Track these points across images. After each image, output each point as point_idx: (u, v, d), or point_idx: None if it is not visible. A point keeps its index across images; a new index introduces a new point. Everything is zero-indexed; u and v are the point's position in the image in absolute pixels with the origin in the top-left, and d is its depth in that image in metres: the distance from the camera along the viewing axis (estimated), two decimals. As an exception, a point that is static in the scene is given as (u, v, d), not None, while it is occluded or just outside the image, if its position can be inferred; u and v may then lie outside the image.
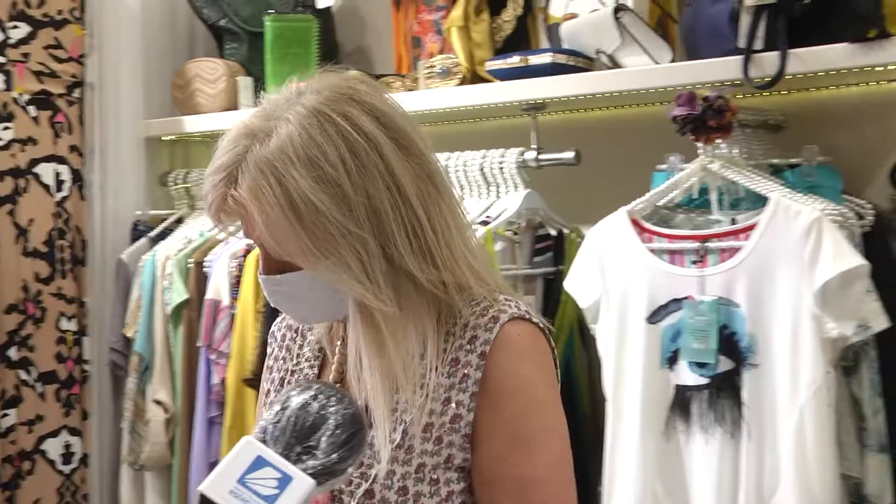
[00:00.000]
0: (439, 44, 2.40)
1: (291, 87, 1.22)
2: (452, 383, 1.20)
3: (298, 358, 1.37)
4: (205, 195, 1.22)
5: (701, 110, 1.82)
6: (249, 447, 1.07)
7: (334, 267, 1.17)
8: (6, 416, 2.56)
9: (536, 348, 1.24)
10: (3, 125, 2.59)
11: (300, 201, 1.14)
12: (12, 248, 2.59)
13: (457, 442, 1.20)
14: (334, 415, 1.09)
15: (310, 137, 1.16)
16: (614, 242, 1.92)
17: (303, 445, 1.08)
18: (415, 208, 1.19)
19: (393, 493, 1.19)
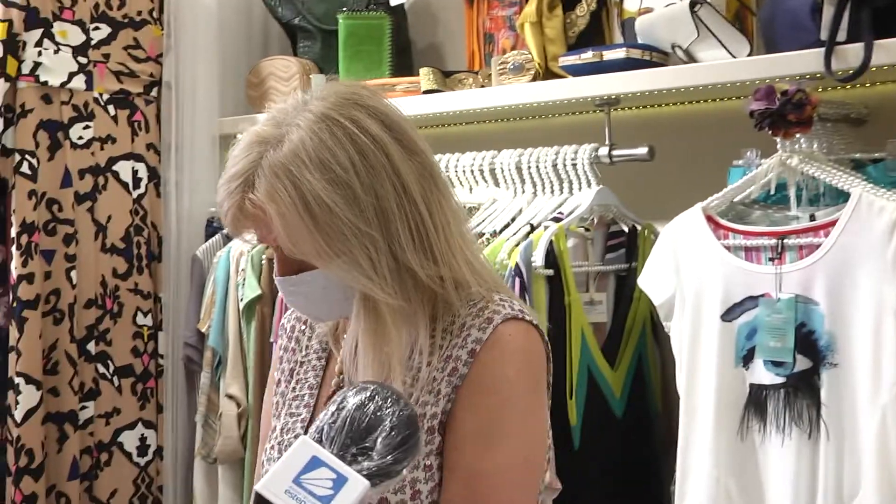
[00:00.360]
0: (512, 40, 2.40)
1: (297, 96, 1.29)
2: (443, 377, 1.27)
3: (307, 350, 1.42)
4: (220, 203, 1.27)
5: (779, 105, 1.80)
6: (305, 447, 1.08)
7: (345, 265, 1.23)
8: (85, 408, 2.60)
9: (526, 349, 1.29)
10: (83, 124, 2.63)
11: (314, 203, 1.20)
12: (91, 244, 2.63)
13: (441, 430, 1.26)
14: (390, 416, 1.11)
15: (321, 141, 1.22)
16: (689, 239, 1.91)
17: (358, 446, 1.09)
18: (418, 206, 1.26)
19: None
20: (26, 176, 2.52)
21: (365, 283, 1.24)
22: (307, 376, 1.40)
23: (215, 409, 2.58)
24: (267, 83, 2.76)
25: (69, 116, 2.60)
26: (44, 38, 2.54)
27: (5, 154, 2.52)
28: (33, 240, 2.51)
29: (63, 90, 2.58)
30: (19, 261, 2.49)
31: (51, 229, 2.56)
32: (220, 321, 2.59)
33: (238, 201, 1.24)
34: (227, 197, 1.25)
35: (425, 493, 1.24)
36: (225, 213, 1.27)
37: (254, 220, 1.25)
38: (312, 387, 1.39)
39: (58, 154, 2.58)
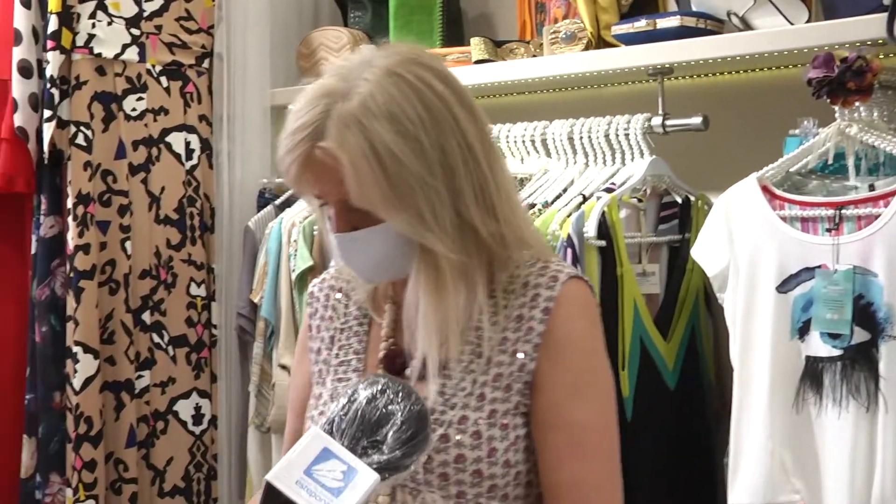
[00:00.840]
0: (564, 8, 2.38)
1: (360, 53, 1.30)
2: (518, 337, 1.30)
3: (346, 316, 1.44)
4: (283, 156, 1.28)
5: (839, 72, 1.78)
6: (317, 439, 1.10)
7: (410, 218, 1.25)
8: (141, 377, 2.65)
9: (591, 305, 1.35)
10: (137, 96, 2.66)
11: (384, 153, 1.22)
12: (146, 215, 2.67)
13: (522, 389, 1.29)
14: (401, 410, 1.13)
15: (389, 95, 1.24)
16: (743, 210, 1.90)
17: (369, 439, 1.12)
18: (481, 165, 1.29)
19: (468, 437, 1.27)
20: (81, 147, 2.56)
21: (428, 236, 1.26)
22: (350, 342, 1.42)
23: (268, 378, 2.61)
24: (318, 54, 2.77)
25: (123, 88, 2.63)
26: (97, 10, 2.57)
27: (61, 126, 2.55)
28: (89, 211, 2.55)
29: (116, 62, 2.62)
30: (75, 231, 2.53)
31: (106, 200, 2.60)
32: (272, 292, 2.61)
33: (307, 150, 1.24)
34: (294, 148, 1.26)
35: (501, 450, 1.27)
36: (289, 165, 1.27)
37: (320, 170, 1.25)
38: (358, 352, 1.40)
39: (112, 125, 2.62)
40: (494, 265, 1.32)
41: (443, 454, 1.27)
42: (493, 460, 1.27)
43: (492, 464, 1.27)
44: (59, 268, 2.59)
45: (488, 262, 1.31)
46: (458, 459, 1.26)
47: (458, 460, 1.26)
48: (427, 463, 1.27)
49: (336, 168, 1.24)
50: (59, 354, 2.57)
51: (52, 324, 2.58)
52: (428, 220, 1.25)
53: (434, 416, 1.27)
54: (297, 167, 1.26)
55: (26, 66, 2.55)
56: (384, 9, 2.66)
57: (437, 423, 1.27)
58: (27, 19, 2.55)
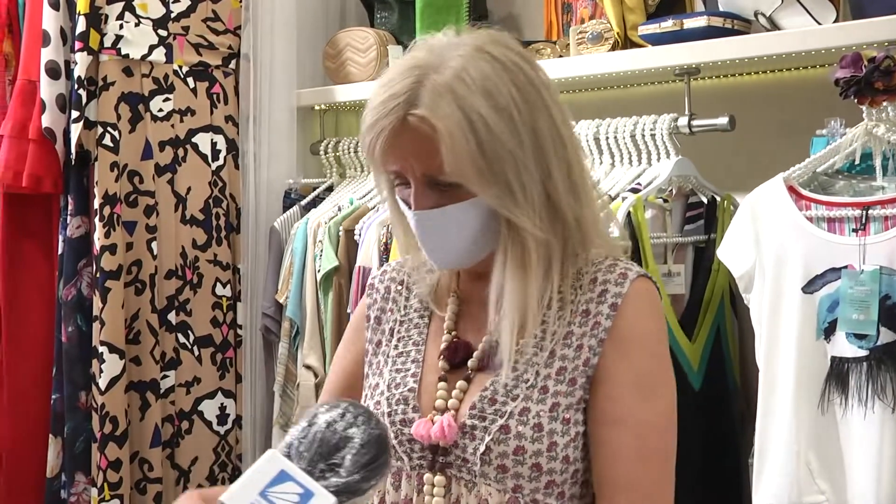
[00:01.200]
0: (590, 9, 2.39)
1: (447, 32, 1.30)
2: (584, 331, 1.30)
3: (406, 309, 1.44)
4: (371, 126, 1.27)
5: (866, 72, 1.78)
6: (274, 461, 1.08)
7: (500, 191, 1.26)
8: (166, 377, 2.65)
9: (658, 305, 1.34)
10: (163, 96, 2.67)
11: (480, 124, 1.23)
12: (172, 215, 2.68)
13: (585, 384, 1.28)
14: (360, 434, 1.11)
15: (483, 71, 1.25)
16: (770, 210, 1.90)
17: (327, 462, 1.10)
18: (567, 149, 1.30)
19: (528, 429, 1.26)
20: (108, 148, 2.57)
21: (516, 211, 1.26)
22: (410, 334, 1.41)
23: (293, 378, 2.62)
24: (344, 54, 2.78)
25: (149, 89, 2.64)
26: (125, 11, 2.59)
27: (88, 126, 2.56)
28: (115, 211, 2.57)
29: (144, 63, 2.63)
30: (102, 232, 2.55)
31: (132, 201, 2.61)
32: (297, 292, 2.62)
33: (400, 118, 1.24)
34: (386, 115, 1.25)
35: (561, 445, 1.27)
36: (378, 135, 1.26)
37: (412, 140, 1.24)
38: (418, 343, 1.40)
39: (139, 126, 2.63)
40: (567, 257, 1.32)
41: (502, 445, 1.26)
42: (552, 454, 1.26)
43: (551, 458, 1.26)
44: (86, 268, 2.60)
45: (562, 253, 1.31)
46: (517, 451, 1.26)
47: (518, 452, 1.26)
48: (485, 454, 1.27)
49: (430, 137, 1.23)
50: (86, 354, 2.58)
51: (79, 324, 2.60)
52: (517, 195, 1.26)
53: (495, 407, 1.28)
54: (388, 136, 1.25)
55: (54, 68, 2.56)
56: (411, 9, 2.66)
57: (497, 415, 1.27)
58: (55, 21, 2.57)
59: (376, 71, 2.72)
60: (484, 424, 1.28)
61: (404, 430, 1.32)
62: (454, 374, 1.34)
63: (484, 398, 1.29)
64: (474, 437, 1.28)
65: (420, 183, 1.28)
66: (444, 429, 1.28)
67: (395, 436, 1.33)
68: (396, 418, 1.33)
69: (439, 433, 1.28)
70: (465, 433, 1.28)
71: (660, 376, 1.31)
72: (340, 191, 2.78)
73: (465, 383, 1.33)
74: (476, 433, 1.28)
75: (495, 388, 1.29)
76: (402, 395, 1.35)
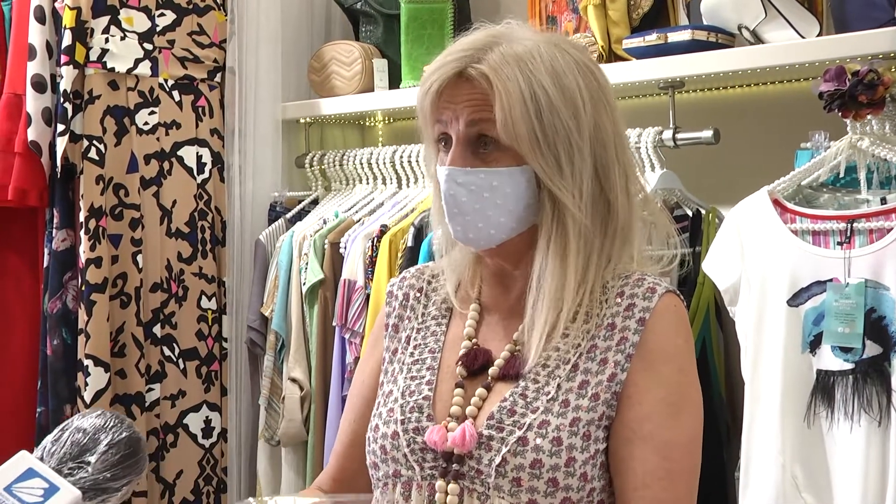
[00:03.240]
0: (575, 22, 2.39)
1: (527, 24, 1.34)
2: (609, 346, 1.28)
3: (424, 316, 1.42)
4: (429, 75, 1.27)
5: (850, 85, 1.78)
6: (22, 459, 1.15)
7: (549, 162, 1.25)
8: (151, 390, 2.65)
9: (686, 321, 1.32)
10: (149, 110, 2.66)
11: (542, 96, 1.23)
12: (157, 228, 2.67)
13: (609, 400, 1.26)
14: (109, 437, 1.18)
15: (553, 56, 1.26)
16: (755, 223, 1.90)
17: (76, 461, 1.16)
18: (626, 154, 1.31)
19: (547, 442, 1.23)
20: (94, 161, 2.57)
21: (562, 185, 1.25)
22: (426, 342, 1.39)
23: (278, 392, 2.62)
24: (329, 68, 2.78)
25: (135, 102, 2.64)
26: (111, 25, 2.58)
27: (73, 140, 2.56)
28: (101, 224, 2.56)
29: (129, 76, 2.63)
30: (87, 245, 2.54)
31: (117, 214, 2.61)
32: (283, 305, 2.61)
33: (460, 67, 1.24)
34: (447, 63, 1.25)
35: (580, 461, 1.24)
36: (434, 81, 1.26)
37: (467, 91, 1.25)
38: (434, 350, 1.38)
39: (124, 139, 2.62)
40: (602, 259, 1.30)
41: (519, 457, 1.24)
42: (570, 470, 1.23)
43: (569, 474, 1.23)
44: (71, 281, 2.60)
45: (600, 253, 1.30)
46: (534, 465, 1.23)
47: (535, 465, 1.23)
48: (500, 466, 1.24)
49: (485, 94, 1.24)
50: (71, 367, 2.57)
51: (64, 337, 2.59)
52: (565, 170, 1.25)
53: (514, 418, 1.25)
54: (443, 83, 1.25)
55: (40, 81, 2.56)
56: (396, 23, 2.66)
57: (516, 426, 1.25)
58: (41, 34, 2.57)
59: (361, 84, 2.72)
60: (501, 435, 1.25)
61: (417, 439, 1.30)
62: (472, 382, 1.32)
63: (503, 409, 1.27)
64: (490, 448, 1.25)
65: (461, 139, 1.27)
66: (464, 435, 1.25)
67: (407, 444, 1.30)
68: (409, 426, 1.31)
69: (459, 439, 1.25)
70: (482, 444, 1.25)
71: (688, 394, 1.29)
72: (326, 204, 2.78)
73: (485, 391, 1.30)
74: (493, 444, 1.25)
75: (514, 399, 1.27)
76: (417, 402, 1.32)
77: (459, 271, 1.40)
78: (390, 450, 1.32)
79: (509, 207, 1.28)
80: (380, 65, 2.71)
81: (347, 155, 2.74)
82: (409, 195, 2.60)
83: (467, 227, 1.30)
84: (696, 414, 1.29)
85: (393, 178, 2.66)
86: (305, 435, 2.57)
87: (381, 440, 1.33)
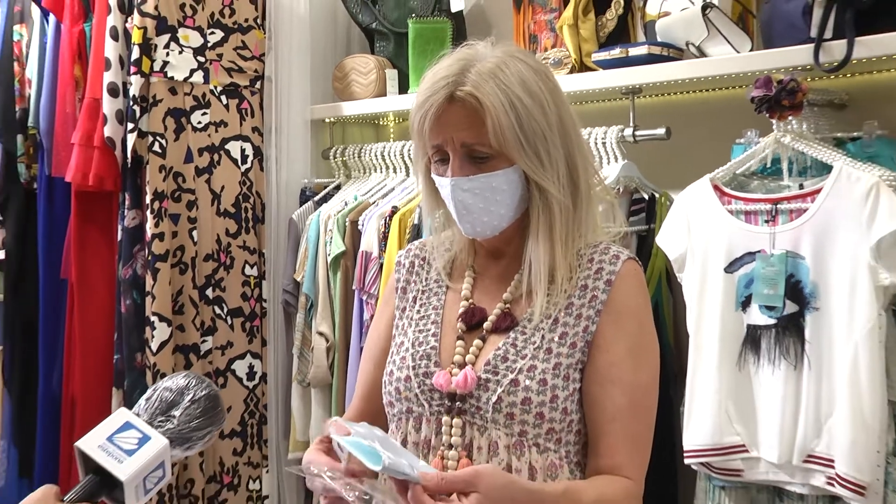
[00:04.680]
0: (552, 39, 2.39)
1: (483, 42, 1.29)
2: (583, 303, 1.28)
3: (427, 280, 1.42)
4: (423, 102, 1.25)
5: (776, 92, 1.79)
6: (120, 414, 1.14)
7: (532, 161, 1.24)
8: (205, 341, 2.65)
9: (644, 284, 1.32)
10: (202, 111, 2.65)
11: (518, 104, 1.22)
12: (209, 209, 2.66)
13: (583, 348, 1.26)
14: (193, 394, 1.17)
15: (518, 68, 1.25)
16: (699, 205, 1.91)
17: (165, 415, 1.15)
18: (581, 137, 1.30)
19: (535, 383, 1.24)
20: (157, 153, 2.57)
21: (545, 176, 1.25)
22: (430, 301, 1.39)
23: (308, 343, 2.62)
24: (349, 76, 2.77)
25: (190, 105, 2.63)
26: (171, 42, 2.58)
27: (141, 136, 2.56)
28: (163, 205, 2.56)
29: (185, 84, 2.62)
30: (152, 222, 2.54)
31: (176, 197, 2.61)
32: (311, 272, 2.61)
33: (449, 93, 1.23)
34: (436, 92, 1.23)
35: (562, 398, 1.24)
36: (429, 109, 1.24)
37: (459, 112, 1.23)
38: (437, 308, 1.37)
39: (181, 136, 2.62)
40: (578, 230, 1.30)
41: (512, 396, 1.24)
42: (554, 406, 1.24)
43: (553, 409, 1.24)
44: (140, 252, 2.60)
45: (577, 225, 1.30)
46: (524, 402, 1.23)
47: (525, 402, 1.23)
48: (497, 403, 1.24)
49: (475, 110, 1.22)
50: (140, 323, 2.58)
51: (135, 298, 2.59)
52: (546, 164, 1.25)
53: (506, 364, 1.26)
54: (436, 110, 1.24)
55: (114, 88, 2.56)
56: (404, 40, 2.65)
57: (508, 370, 1.25)
58: (115, 50, 2.56)
59: (376, 90, 2.71)
60: (497, 378, 1.25)
61: (426, 382, 1.30)
62: (470, 335, 1.32)
63: (497, 356, 1.27)
64: (487, 389, 1.26)
65: (458, 154, 1.26)
66: (466, 379, 1.26)
67: (417, 386, 1.30)
68: (420, 371, 1.31)
69: (461, 382, 1.26)
70: (480, 385, 1.26)
71: (648, 345, 1.30)
72: (346, 189, 2.77)
73: (481, 342, 1.30)
74: (489, 385, 1.26)
75: (507, 348, 1.27)
76: (425, 351, 1.32)
77: (455, 248, 1.40)
78: (403, 391, 1.32)
79: (507, 202, 1.28)
80: (391, 74, 2.70)
81: (364, 148, 2.73)
82: (415, 182, 2.58)
83: (475, 223, 1.30)
84: (653, 360, 1.30)
85: (402, 168, 2.66)
86: (330, 378, 2.57)
87: (396, 383, 1.33)
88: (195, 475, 2.60)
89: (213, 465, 2.66)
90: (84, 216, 2.70)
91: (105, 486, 1.10)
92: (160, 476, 1.13)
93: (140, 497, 1.11)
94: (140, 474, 1.10)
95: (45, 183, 2.85)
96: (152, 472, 1.11)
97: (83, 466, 1.12)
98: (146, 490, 1.12)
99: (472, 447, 1.26)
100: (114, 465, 1.09)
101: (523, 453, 1.24)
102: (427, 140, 1.28)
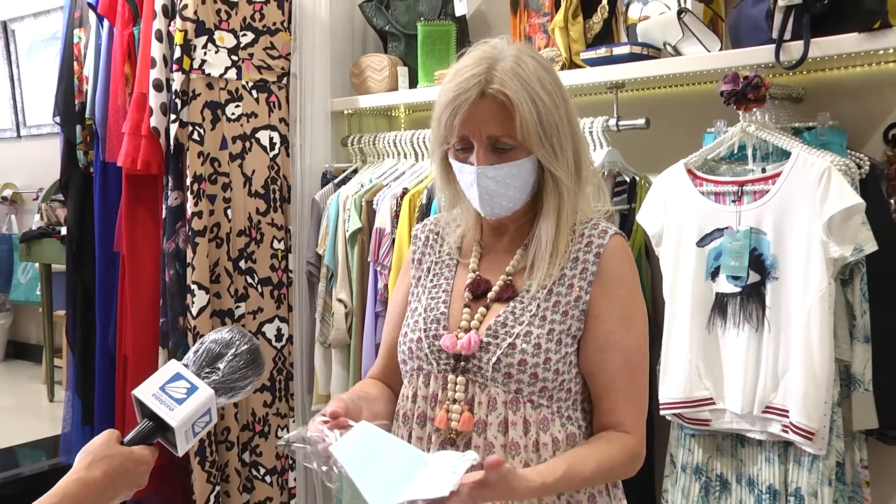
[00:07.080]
0: (545, 40, 2.39)
1: (497, 41, 1.28)
2: (574, 274, 1.27)
3: (440, 253, 1.41)
4: (454, 98, 1.22)
5: (742, 86, 1.80)
6: (171, 366, 1.14)
7: (549, 151, 1.24)
8: (238, 307, 2.64)
9: (630, 256, 1.31)
10: (235, 104, 2.64)
11: (539, 102, 1.22)
12: (241, 190, 2.65)
13: (577, 315, 1.25)
14: (236, 347, 1.16)
15: (532, 65, 1.24)
16: (674, 186, 1.92)
17: (211, 367, 1.14)
18: (580, 127, 1.29)
19: (530, 347, 1.24)
20: (196, 141, 2.56)
21: (558, 166, 1.24)
22: (442, 271, 1.38)
23: (329, 308, 2.61)
24: (365, 73, 2.76)
25: (225, 98, 2.62)
26: (208, 43, 2.57)
27: (182, 126, 2.55)
28: (201, 187, 2.56)
29: (221, 79, 2.61)
30: (192, 202, 2.55)
31: (213, 179, 2.60)
32: (332, 246, 2.60)
33: (480, 91, 1.21)
34: (468, 90, 1.21)
35: (554, 360, 1.24)
36: (461, 103, 1.22)
37: (490, 107, 1.21)
38: (448, 278, 1.36)
39: (217, 125, 2.61)
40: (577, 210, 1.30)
41: (509, 358, 1.23)
42: (547, 367, 1.23)
43: (546, 369, 1.23)
44: (181, 228, 2.60)
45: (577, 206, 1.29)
46: (520, 363, 1.23)
47: (521, 364, 1.23)
48: (496, 364, 1.23)
49: (504, 106, 1.21)
50: (182, 290, 2.58)
51: (177, 268, 2.59)
52: (559, 154, 1.24)
53: (506, 329, 1.25)
54: (469, 105, 1.22)
55: (159, 83, 2.55)
56: (414, 41, 2.64)
57: (507, 335, 1.24)
58: (160, 49, 2.56)
59: (388, 85, 2.70)
60: (497, 342, 1.25)
61: (435, 343, 1.29)
62: (475, 303, 1.31)
63: (498, 322, 1.26)
64: (488, 351, 1.25)
65: (483, 145, 1.24)
66: (470, 341, 1.25)
67: (427, 346, 1.30)
68: (430, 333, 1.31)
69: (466, 344, 1.25)
70: (482, 348, 1.25)
71: (636, 310, 1.28)
72: (363, 173, 2.75)
73: (485, 310, 1.29)
74: (490, 348, 1.25)
75: (506, 315, 1.27)
76: (435, 316, 1.32)
77: (465, 225, 1.39)
78: (415, 350, 1.32)
79: (522, 187, 1.27)
80: (402, 71, 2.69)
81: (378, 136, 2.71)
82: (424, 166, 2.57)
83: (494, 206, 1.29)
84: (643, 324, 1.29)
85: (412, 154, 2.64)
86: (349, 339, 2.56)
87: (409, 343, 1.33)
88: (231, 424, 2.62)
89: (247, 415, 2.68)
90: (133, 196, 2.70)
91: (159, 429, 1.11)
92: (207, 421, 1.13)
93: (189, 439, 1.11)
94: (188, 420, 1.10)
95: (100, 167, 2.85)
96: (200, 418, 1.12)
97: (140, 412, 1.12)
98: (195, 433, 1.12)
99: (473, 402, 1.26)
100: (165, 412, 1.09)
101: (519, 408, 1.24)
102: (455, 131, 1.26)
